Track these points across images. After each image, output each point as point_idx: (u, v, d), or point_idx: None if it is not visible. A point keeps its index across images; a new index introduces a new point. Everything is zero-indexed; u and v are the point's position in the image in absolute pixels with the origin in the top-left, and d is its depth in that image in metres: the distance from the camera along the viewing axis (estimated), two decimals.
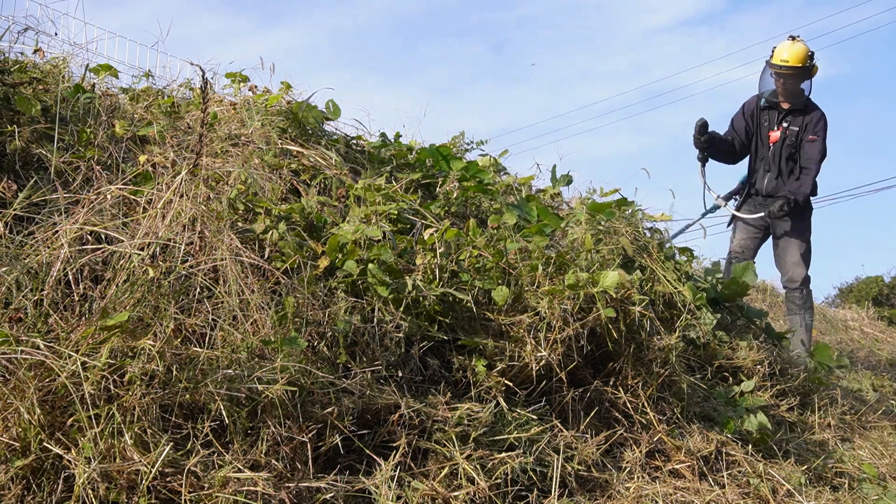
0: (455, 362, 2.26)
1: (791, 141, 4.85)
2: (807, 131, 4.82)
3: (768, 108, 4.94)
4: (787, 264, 4.87)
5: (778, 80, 4.83)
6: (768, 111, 4.94)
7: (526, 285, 2.47)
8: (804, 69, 4.79)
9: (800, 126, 4.84)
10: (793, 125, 4.84)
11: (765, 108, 4.95)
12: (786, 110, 4.88)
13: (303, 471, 1.76)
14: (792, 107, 4.86)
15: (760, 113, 4.97)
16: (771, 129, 4.92)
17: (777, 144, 4.88)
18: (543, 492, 2.03)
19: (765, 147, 4.94)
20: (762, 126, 4.95)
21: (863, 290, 13.25)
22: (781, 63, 4.76)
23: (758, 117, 4.98)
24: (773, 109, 4.93)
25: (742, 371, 3.34)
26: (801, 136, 4.83)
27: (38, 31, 3.18)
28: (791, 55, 4.75)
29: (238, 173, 2.52)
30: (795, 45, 4.77)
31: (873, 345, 6.42)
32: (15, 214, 2.08)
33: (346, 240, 2.30)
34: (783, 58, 4.76)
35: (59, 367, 1.63)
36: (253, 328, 1.92)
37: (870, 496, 2.69)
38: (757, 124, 4.97)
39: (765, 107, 4.95)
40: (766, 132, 4.93)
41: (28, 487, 1.57)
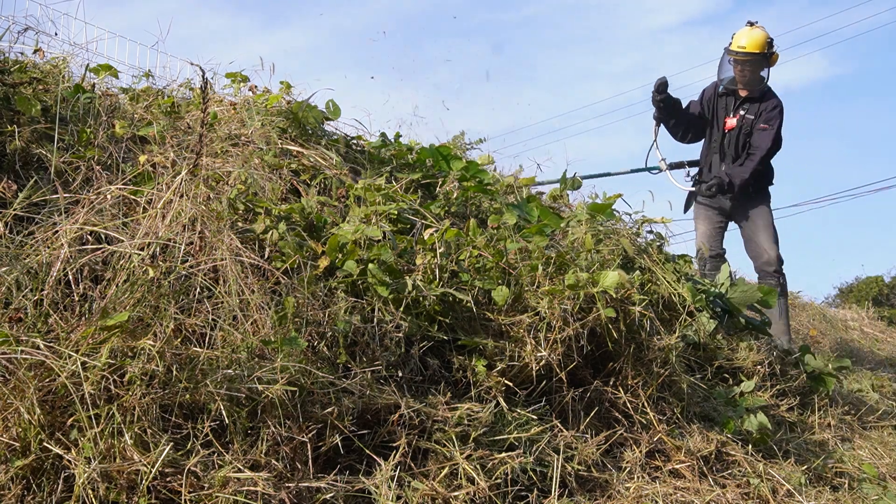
0: (455, 362, 2.26)
1: (746, 129, 4.76)
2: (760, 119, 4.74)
3: (726, 95, 4.86)
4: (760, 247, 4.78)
5: (736, 67, 4.74)
6: (726, 98, 4.86)
7: (526, 285, 2.47)
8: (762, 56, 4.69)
9: (755, 114, 4.75)
10: (749, 113, 4.76)
11: (722, 95, 4.87)
12: (743, 98, 4.79)
13: (303, 471, 1.76)
14: (749, 94, 4.77)
15: (718, 100, 4.89)
16: (727, 116, 4.84)
17: (732, 132, 4.79)
18: (543, 492, 2.03)
19: (719, 133, 4.85)
20: (718, 113, 4.87)
21: (863, 290, 13.26)
22: (739, 49, 4.67)
23: (715, 104, 4.89)
24: (730, 97, 4.85)
25: (742, 371, 3.34)
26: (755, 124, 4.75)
27: (38, 31, 3.18)
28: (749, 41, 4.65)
29: (238, 173, 2.52)
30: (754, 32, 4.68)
31: (873, 345, 6.42)
32: (15, 214, 2.08)
33: (346, 240, 2.30)
34: (741, 44, 4.67)
35: (59, 367, 1.63)
36: (253, 328, 1.92)
37: (870, 496, 2.69)
38: (714, 111, 4.88)
39: (722, 93, 4.87)
40: (723, 119, 4.85)
41: (28, 487, 1.57)
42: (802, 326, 6.45)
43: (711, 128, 4.91)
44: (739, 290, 3.62)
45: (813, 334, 6.18)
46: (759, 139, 4.71)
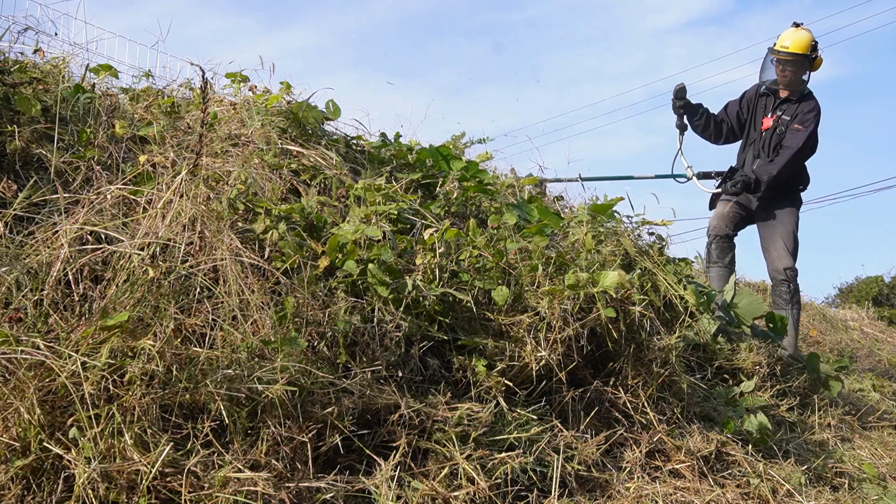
0: (455, 362, 2.26)
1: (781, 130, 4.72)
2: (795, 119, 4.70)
3: (766, 96, 4.84)
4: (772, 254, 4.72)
5: (777, 67, 4.72)
6: (766, 98, 4.85)
7: (526, 285, 2.46)
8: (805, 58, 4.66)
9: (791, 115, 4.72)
10: (785, 114, 4.73)
11: (763, 95, 4.86)
12: (782, 99, 4.77)
13: (303, 471, 1.76)
14: (789, 96, 4.75)
15: (758, 100, 4.87)
16: (765, 116, 4.81)
17: (768, 132, 4.76)
18: (543, 492, 2.03)
19: (756, 133, 4.83)
20: (757, 113, 4.84)
21: (863, 290, 13.26)
22: (782, 49, 4.65)
23: (755, 105, 4.87)
24: (770, 97, 4.83)
25: (742, 371, 3.34)
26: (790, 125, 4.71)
27: (38, 31, 3.18)
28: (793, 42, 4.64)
29: (238, 173, 2.52)
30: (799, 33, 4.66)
31: (873, 345, 6.42)
32: (15, 214, 2.08)
33: (346, 240, 2.30)
34: (784, 44, 4.66)
35: (59, 367, 1.63)
36: (253, 328, 1.92)
37: (870, 496, 2.69)
38: (752, 111, 4.85)
39: (763, 94, 4.86)
40: (760, 119, 4.82)
41: (28, 487, 1.57)
42: (802, 326, 6.45)
43: (748, 128, 4.88)
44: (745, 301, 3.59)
45: (813, 334, 6.18)
46: (791, 138, 4.66)
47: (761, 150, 4.78)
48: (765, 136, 4.77)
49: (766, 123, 4.76)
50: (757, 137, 4.81)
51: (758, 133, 4.81)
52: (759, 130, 4.80)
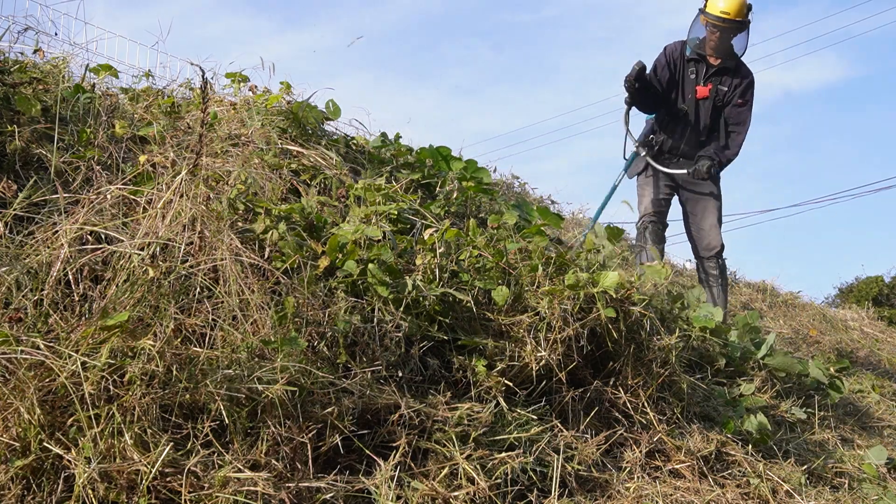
0: (455, 362, 2.26)
1: (719, 102, 4.41)
2: (735, 93, 4.39)
3: (695, 61, 4.44)
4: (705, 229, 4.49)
5: (713, 34, 4.31)
6: (695, 63, 4.44)
7: (526, 285, 2.46)
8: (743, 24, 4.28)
9: (728, 86, 4.40)
10: (722, 84, 4.40)
11: (691, 60, 4.45)
12: (715, 67, 4.41)
13: (303, 471, 1.76)
14: (722, 64, 4.40)
15: (686, 64, 4.46)
16: (698, 84, 4.43)
17: (704, 102, 4.42)
18: (543, 492, 2.03)
19: (688, 102, 4.45)
20: (686, 79, 4.45)
21: (863, 290, 13.27)
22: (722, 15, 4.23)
23: (682, 68, 4.46)
24: (700, 63, 4.43)
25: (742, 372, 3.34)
26: (729, 98, 4.40)
27: (38, 31, 3.18)
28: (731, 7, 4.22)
29: (238, 173, 2.52)
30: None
31: (873, 345, 6.42)
32: (15, 214, 2.08)
33: (346, 240, 2.30)
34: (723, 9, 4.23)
35: (59, 367, 1.63)
36: (253, 328, 1.92)
37: (870, 496, 2.69)
38: (681, 76, 4.46)
39: (691, 58, 4.44)
40: (692, 86, 4.44)
41: (28, 487, 1.57)
42: (802, 326, 6.45)
43: (676, 93, 4.47)
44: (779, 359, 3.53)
45: (813, 334, 6.18)
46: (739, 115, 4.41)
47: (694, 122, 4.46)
48: (700, 106, 4.44)
49: (702, 92, 4.42)
50: (690, 107, 4.46)
51: (691, 102, 4.45)
52: (694, 99, 4.44)
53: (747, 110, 4.43)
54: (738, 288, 7.15)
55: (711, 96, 4.43)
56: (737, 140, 4.44)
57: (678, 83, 4.48)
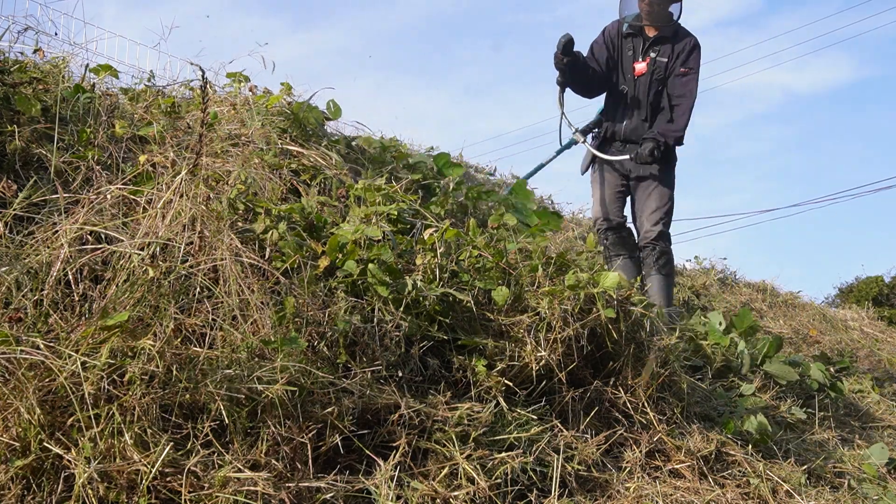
0: (455, 362, 2.26)
1: (660, 75, 4.04)
2: (677, 62, 4.02)
3: (632, 36, 4.11)
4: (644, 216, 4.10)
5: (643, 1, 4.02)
6: (632, 39, 4.11)
7: (526, 285, 2.46)
8: None
9: (669, 56, 4.03)
10: (661, 56, 4.04)
11: (628, 36, 4.12)
12: (652, 38, 4.07)
13: (303, 471, 1.76)
14: (660, 34, 4.06)
15: (623, 41, 4.13)
16: (635, 61, 4.09)
17: (643, 79, 4.07)
18: (543, 492, 2.03)
19: (627, 82, 4.12)
20: (624, 57, 4.12)
21: (863, 290, 13.27)
22: None
23: (620, 46, 4.14)
24: (637, 37, 4.10)
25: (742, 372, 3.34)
26: (672, 69, 4.03)
27: (38, 31, 3.18)
28: None
29: (238, 173, 2.53)
30: None
31: (873, 345, 6.41)
32: (15, 214, 2.08)
33: (346, 240, 2.30)
34: None
35: (59, 367, 1.63)
36: (253, 328, 1.92)
37: (870, 496, 2.69)
38: (619, 55, 4.13)
39: (627, 33, 4.12)
40: (630, 64, 4.10)
41: (28, 487, 1.57)
42: (802, 326, 6.45)
43: (616, 74, 4.15)
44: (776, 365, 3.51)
45: (813, 334, 6.18)
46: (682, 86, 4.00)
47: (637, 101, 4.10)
48: (639, 83, 4.08)
49: (639, 69, 4.06)
50: (630, 86, 4.11)
51: (630, 81, 4.10)
52: (632, 79, 4.09)
53: (692, 79, 4.01)
54: (738, 288, 7.16)
55: (649, 70, 4.05)
56: (680, 112, 4.01)
57: (617, 63, 4.16)
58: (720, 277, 7.19)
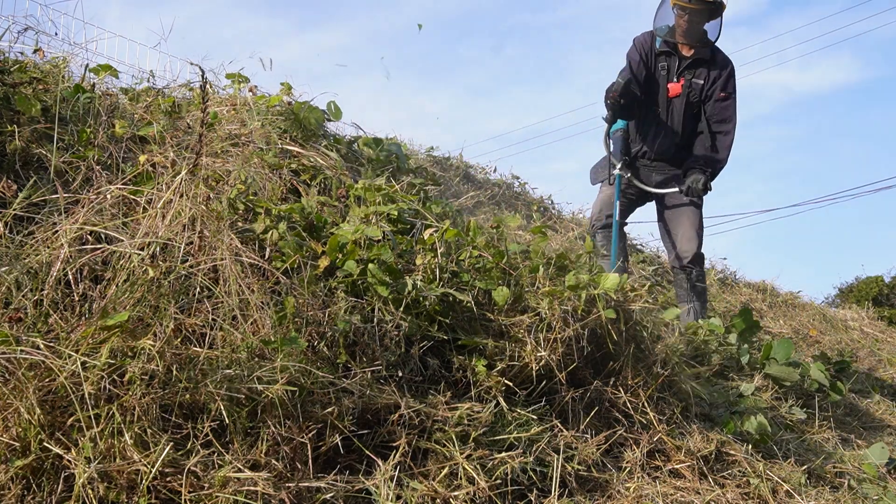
0: (455, 362, 2.26)
1: (695, 97, 3.93)
2: (715, 86, 3.90)
3: (665, 54, 3.98)
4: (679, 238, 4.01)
5: (682, 17, 3.84)
6: (666, 57, 3.98)
7: (526, 286, 2.46)
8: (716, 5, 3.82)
9: (705, 79, 3.91)
10: (697, 77, 3.92)
11: (661, 53, 3.99)
12: (688, 58, 3.95)
13: (303, 471, 1.76)
14: (696, 54, 3.93)
15: (656, 58, 4.00)
16: (670, 81, 3.97)
17: (677, 100, 3.95)
18: (543, 492, 2.03)
19: (661, 102, 4.00)
20: (659, 75, 4.00)
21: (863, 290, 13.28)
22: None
23: (653, 63, 4.00)
24: (671, 56, 3.97)
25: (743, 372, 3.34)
26: (709, 92, 3.92)
27: (39, 31, 3.18)
28: None
29: (238, 173, 2.52)
30: None
31: (873, 345, 6.42)
32: (15, 214, 2.08)
33: (346, 240, 2.30)
34: None
35: (59, 367, 1.63)
36: (253, 328, 1.92)
37: (870, 496, 2.69)
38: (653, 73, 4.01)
39: (661, 51, 3.98)
40: (665, 83, 3.98)
41: (28, 487, 1.57)
42: (802, 326, 6.45)
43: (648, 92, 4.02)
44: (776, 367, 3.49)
45: (813, 334, 6.18)
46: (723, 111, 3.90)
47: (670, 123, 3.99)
48: (673, 105, 3.97)
49: (674, 90, 3.95)
50: (664, 106, 3.99)
51: (664, 101, 3.98)
52: (666, 98, 3.97)
53: (732, 104, 3.93)
54: (738, 288, 7.16)
55: (685, 93, 3.95)
56: (725, 142, 3.95)
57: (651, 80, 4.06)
58: (720, 277, 7.19)
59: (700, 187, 3.86)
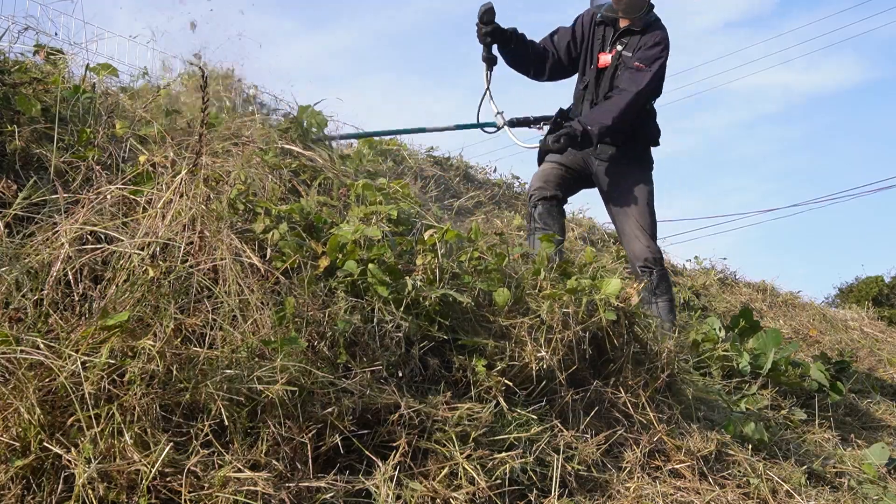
0: (455, 362, 2.26)
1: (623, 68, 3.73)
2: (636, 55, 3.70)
3: (604, 25, 3.83)
4: (627, 237, 3.75)
5: None
6: (604, 28, 3.83)
7: (528, 288, 2.46)
8: None
9: (634, 50, 3.73)
10: (627, 48, 3.75)
11: (600, 24, 3.84)
12: (623, 29, 3.77)
13: (303, 471, 1.76)
14: (631, 25, 3.76)
15: (595, 30, 3.84)
16: (602, 51, 3.81)
17: (606, 71, 3.77)
18: (543, 492, 2.03)
19: (589, 73, 3.84)
20: (593, 47, 3.84)
21: (863, 290, 13.29)
22: None
23: (591, 35, 3.85)
24: (608, 27, 3.82)
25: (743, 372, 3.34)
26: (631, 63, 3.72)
27: (38, 31, 3.18)
28: None
29: (238, 173, 2.52)
30: None
31: (873, 345, 6.41)
32: (15, 214, 2.07)
33: (346, 240, 2.30)
34: None
35: (59, 367, 1.63)
36: (253, 328, 1.92)
37: (870, 496, 2.69)
38: (589, 45, 3.85)
39: (600, 22, 3.83)
40: (597, 54, 3.81)
41: (28, 487, 1.57)
42: (802, 326, 6.45)
43: (584, 65, 3.86)
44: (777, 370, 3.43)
45: (813, 334, 6.18)
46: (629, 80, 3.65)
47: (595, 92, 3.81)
48: (602, 76, 3.79)
49: (604, 60, 3.79)
50: (592, 77, 3.82)
51: (592, 72, 3.82)
52: (595, 68, 3.80)
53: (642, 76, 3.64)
54: (738, 288, 7.16)
55: (613, 63, 3.75)
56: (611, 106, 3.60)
57: (585, 54, 3.85)
58: (720, 277, 7.19)
59: (551, 140, 3.54)
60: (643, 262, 3.69)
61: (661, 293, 3.71)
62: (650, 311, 3.55)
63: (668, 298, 3.76)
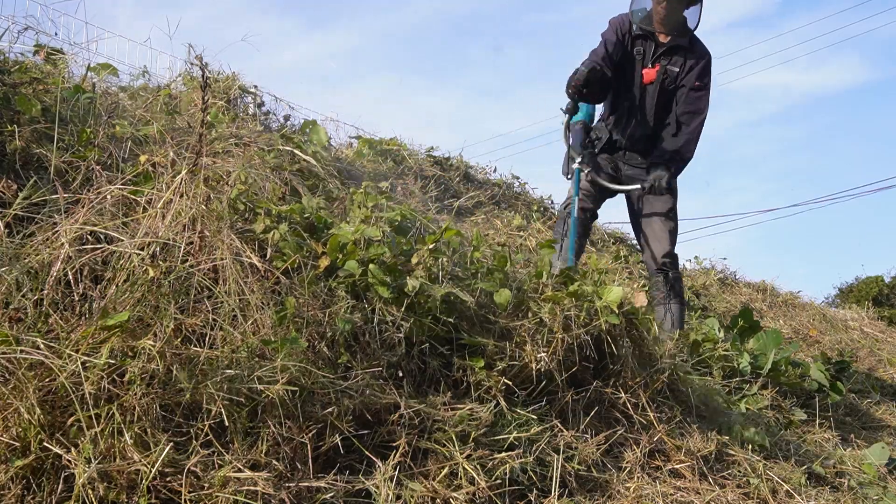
0: (455, 362, 2.26)
1: (670, 84, 3.76)
2: (690, 75, 3.73)
3: (642, 38, 3.80)
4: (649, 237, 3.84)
5: (660, 4, 3.69)
6: (643, 42, 3.80)
7: (529, 291, 2.46)
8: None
9: (681, 67, 3.74)
10: (672, 65, 3.75)
11: (638, 37, 3.80)
12: (664, 45, 3.77)
13: (303, 471, 1.76)
14: (673, 41, 3.75)
15: (633, 41, 3.81)
16: (645, 66, 3.79)
17: (651, 87, 3.78)
18: (543, 492, 2.03)
19: (634, 87, 3.82)
20: (634, 59, 3.80)
21: (863, 290, 13.29)
22: None
23: (630, 46, 3.81)
24: (648, 40, 3.79)
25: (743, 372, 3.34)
26: (683, 81, 3.75)
27: (38, 31, 3.18)
28: None
29: (238, 173, 2.52)
30: None
31: (873, 345, 6.41)
32: (15, 214, 2.07)
33: (347, 240, 2.30)
34: None
35: (59, 367, 1.63)
36: (253, 328, 1.92)
37: (870, 496, 2.69)
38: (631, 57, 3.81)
39: (637, 34, 3.80)
40: (640, 68, 3.80)
41: (28, 487, 1.57)
42: (802, 326, 6.45)
43: (628, 80, 3.84)
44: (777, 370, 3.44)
45: (813, 334, 6.18)
46: (694, 102, 3.71)
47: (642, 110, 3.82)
48: (647, 92, 3.80)
49: (648, 76, 3.78)
50: (635, 94, 3.81)
51: (638, 87, 3.81)
52: (640, 85, 3.80)
53: (705, 96, 3.75)
54: (738, 288, 7.16)
55: (659, 79, 3.76)
56: (690, 132, 3.73)
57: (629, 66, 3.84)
58: (720, 277, 7.19)
59: (663, 185, 3.69)
60: (661, 262, 3.78)
61: (675, 295, 3.78)
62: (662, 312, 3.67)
63: (681, 301, 3.84)
